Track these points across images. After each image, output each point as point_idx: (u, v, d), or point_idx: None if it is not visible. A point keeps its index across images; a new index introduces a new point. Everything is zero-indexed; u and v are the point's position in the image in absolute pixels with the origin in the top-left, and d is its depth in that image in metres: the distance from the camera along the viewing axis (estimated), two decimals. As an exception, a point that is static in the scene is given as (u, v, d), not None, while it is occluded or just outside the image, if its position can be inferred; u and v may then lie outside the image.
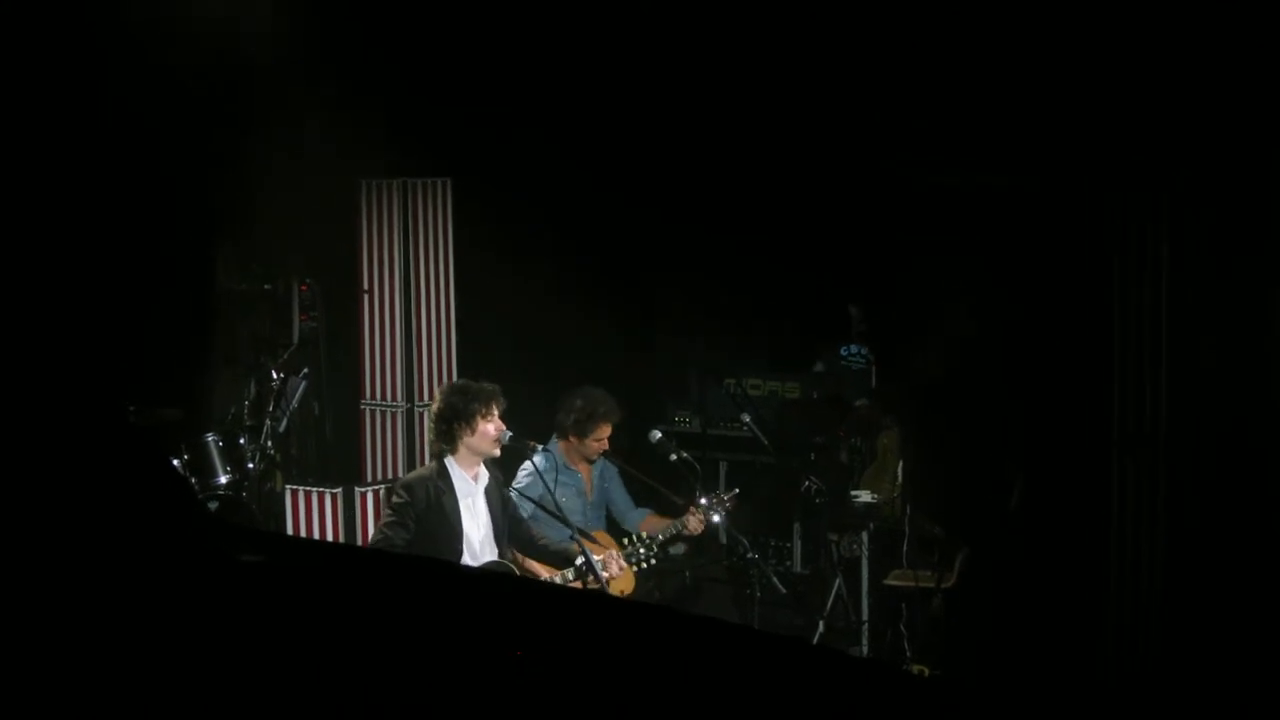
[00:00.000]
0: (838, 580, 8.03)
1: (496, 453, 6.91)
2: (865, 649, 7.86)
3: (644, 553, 7.11)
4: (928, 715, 3.08)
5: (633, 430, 8.26)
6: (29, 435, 3.09)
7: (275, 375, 9.35)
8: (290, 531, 8.39)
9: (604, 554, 7.03)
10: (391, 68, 9.48)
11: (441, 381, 9.62)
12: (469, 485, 6.83)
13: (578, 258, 10.20)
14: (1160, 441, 6.85)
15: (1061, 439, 7.34)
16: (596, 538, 7.51)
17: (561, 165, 9.77)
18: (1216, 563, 6.70)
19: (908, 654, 7.68)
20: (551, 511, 6.99)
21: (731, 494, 7.59)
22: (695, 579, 8.56)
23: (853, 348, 9.89)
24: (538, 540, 7.12)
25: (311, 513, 8.49)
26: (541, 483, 7.11)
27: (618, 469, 7.94)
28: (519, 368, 9.31)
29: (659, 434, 7.72)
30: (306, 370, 9.63)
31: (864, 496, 8.26)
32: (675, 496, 7.68)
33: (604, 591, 6.68)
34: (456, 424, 6.81)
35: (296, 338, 10.22)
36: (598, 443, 7.76)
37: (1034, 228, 7.88)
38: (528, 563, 7.14)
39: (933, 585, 7.79)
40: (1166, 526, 6.84)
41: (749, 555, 7.23)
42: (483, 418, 6.80)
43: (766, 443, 8.09)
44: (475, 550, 6.78)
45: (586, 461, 7.90)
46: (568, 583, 6.83)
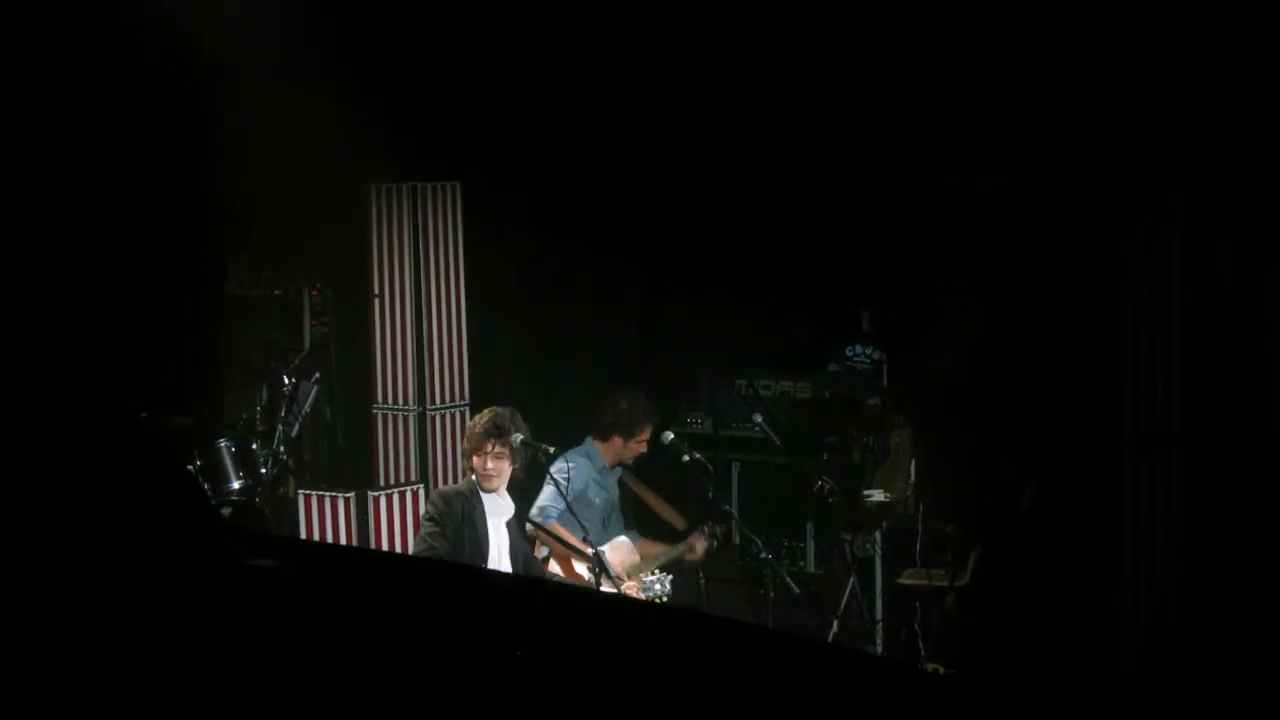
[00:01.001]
0: (851, 580, 8.01)
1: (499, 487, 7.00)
2: (880, 648, 7.85)
3: (659, 590, 7.08)
4: (943, 714, 3.08)
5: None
6: (42, 440, 3.10)
7: (287, 380, 9.36)
8: (303, 536, 8.40)
9: (622, 585, 6.98)
10: (401, 72, 9.49)
11: (453, 385, 9.63)
12: (497, 504, 6.98)
13: (587, 260, 10.20)
14: (1173, 440, 6.84)
15: (1074, 438, 7.34)
16: (636, 547, 7.62)
17: (571, 168, 9.77)
18: (1230, 561, 6.69)
19: (922, 653, 7.68)
20: (573, 512, 7.04)
21: (722, 526, 7.76)
22: (708, 579, 8.54)
23: (858, 348, 9.90)
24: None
25: (324, 517, 8.50)
26: (580, 479, 7.36)
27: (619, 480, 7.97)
28: (529, 370, 9.31)
29: (671, 435, 7.72)
30: (318, 375, 9.65)
31: (877, 496, 8.24)
32: (674, 519, 7.97)
33: (616, 592, 6.68)
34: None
35: (308, 343, 10.23)
36: (639, 444, 7.76)
37: (1045, 228, 7.89)
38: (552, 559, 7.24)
39: (946, 584, 7.78)
40: (1180, 525, 6.83)
41: (762, 555, 7.23)
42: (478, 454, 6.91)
43: (779, 443, 8.09)
44: (496, 568, 6.86)
45: (617, 466, 7.90)
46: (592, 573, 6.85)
